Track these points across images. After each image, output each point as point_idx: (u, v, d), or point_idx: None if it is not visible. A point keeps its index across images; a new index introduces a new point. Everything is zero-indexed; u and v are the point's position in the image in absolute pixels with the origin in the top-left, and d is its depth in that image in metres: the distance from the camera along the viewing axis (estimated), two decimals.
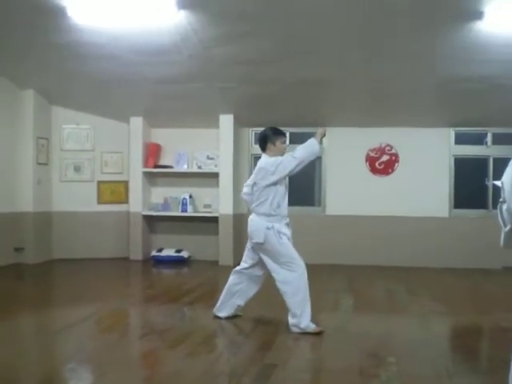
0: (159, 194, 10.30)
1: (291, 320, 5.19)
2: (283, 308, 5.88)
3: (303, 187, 10.45)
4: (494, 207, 9.19)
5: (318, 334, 5.10)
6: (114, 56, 7.42)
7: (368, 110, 9.07)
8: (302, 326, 5.13)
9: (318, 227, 9.83)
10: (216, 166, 9.91)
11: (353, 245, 9.69)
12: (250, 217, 5.43)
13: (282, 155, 5.32)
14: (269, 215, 5.23)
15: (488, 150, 9.66)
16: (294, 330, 5.16)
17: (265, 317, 5.91)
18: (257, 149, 10.30)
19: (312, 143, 5.26)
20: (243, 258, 5.59)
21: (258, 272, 5.52)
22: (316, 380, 4.11)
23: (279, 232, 5.19)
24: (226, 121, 9.69)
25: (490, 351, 5.05)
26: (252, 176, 5.56)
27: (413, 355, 4.78)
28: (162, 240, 10.25)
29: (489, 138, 9.66)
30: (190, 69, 7.79)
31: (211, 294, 7.32)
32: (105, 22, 6.60)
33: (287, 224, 5.35)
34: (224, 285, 5.66)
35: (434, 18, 6.13)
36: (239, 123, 9.92)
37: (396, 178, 9.86)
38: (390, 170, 9.94)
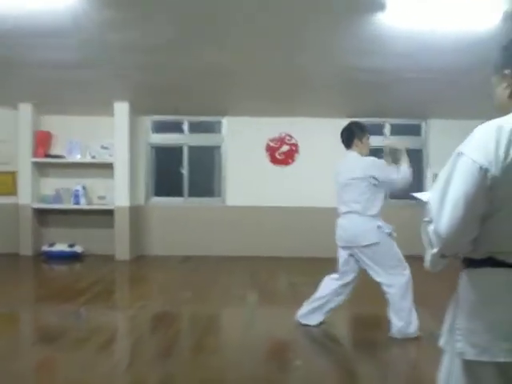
0: (50, 185, 9.78)
1: (398, 323, 4.80)
2: (183, 304, 5.65)
3: (203, 178, 10.26)
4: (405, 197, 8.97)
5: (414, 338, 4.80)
6: None
7: (268, 100, 8.95)
8: (411, 330, 4.78)
9: (218, 218, 9.67)
10: (111, 155, 9.50)
11: (254, 236, 9.57)
12: (347, 219, 5.10)
13: (367, 151, 5.15)
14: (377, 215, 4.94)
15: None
16: (397, 334, 4.79)
17: (167, 313, 5.68)
18: (155, 138, 10.08)
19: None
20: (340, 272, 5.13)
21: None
22: None
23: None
24: (121, 108, 9.32)
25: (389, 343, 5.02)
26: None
27: (319, 354, 4.71)
28: (53, 234, 9.73)
29: (387, 129, 9.81)
30: (83, 54, 7.34)
31: (108, 293, 7.00)
32: None
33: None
34: (121, 280, 5.34)
35: (337, 8, 6.04)
36: (136, 111, 9.56)
37: (296, 168, 9.82)
38: (290, 160, 9.88)
